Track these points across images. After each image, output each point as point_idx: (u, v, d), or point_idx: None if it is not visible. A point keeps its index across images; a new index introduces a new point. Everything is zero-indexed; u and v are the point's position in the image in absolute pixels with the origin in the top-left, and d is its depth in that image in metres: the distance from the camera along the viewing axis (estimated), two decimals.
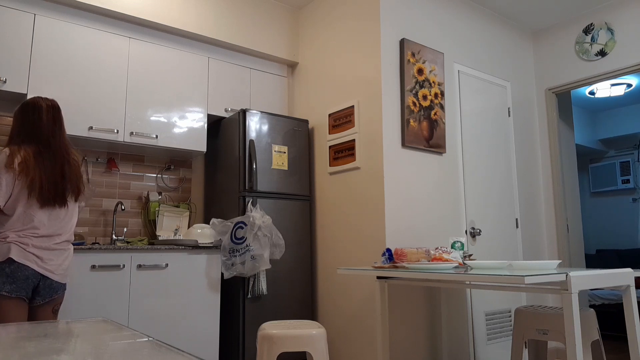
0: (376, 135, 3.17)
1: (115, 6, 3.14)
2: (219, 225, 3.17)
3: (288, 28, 4.01)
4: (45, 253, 2.17)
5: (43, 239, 2.17)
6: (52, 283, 2.20)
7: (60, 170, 2.23)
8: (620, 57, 3.86)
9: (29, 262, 2.11)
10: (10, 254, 2.07)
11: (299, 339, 2.23)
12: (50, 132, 2.24)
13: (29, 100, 2.28)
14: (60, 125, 2.29)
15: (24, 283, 2.09)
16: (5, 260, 2.07)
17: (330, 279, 3.43)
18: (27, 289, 2.12)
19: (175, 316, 2.89)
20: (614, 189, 6.70)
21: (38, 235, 2.15)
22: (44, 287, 2.18)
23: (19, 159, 2.13)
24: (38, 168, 2.16)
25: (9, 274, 2.07)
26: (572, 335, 1.85)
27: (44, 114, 2.25)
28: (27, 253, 2.11)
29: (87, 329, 1.02)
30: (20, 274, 2.09)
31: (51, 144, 2.23)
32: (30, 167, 2.13)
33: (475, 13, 3.95)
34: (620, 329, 5.00)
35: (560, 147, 4.24)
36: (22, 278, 2.09)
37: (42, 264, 2.15)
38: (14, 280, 2.07)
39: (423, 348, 3.12)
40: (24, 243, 2.11)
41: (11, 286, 2.06)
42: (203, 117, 3.48)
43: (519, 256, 3.91)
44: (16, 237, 2.11)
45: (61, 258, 2.24)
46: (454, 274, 2.08)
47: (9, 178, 2.11)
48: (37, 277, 2.14)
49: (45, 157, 2.20)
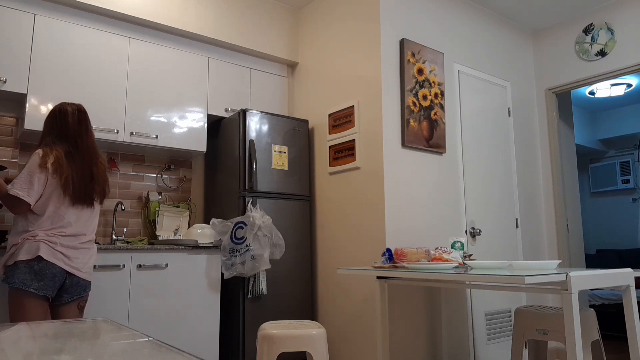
0: (376, 135, 3.17)
1: (115, 6, 3.14)
2: (219, 225, 3.16)
3: (288, 28, 4.01)
4: (71, 252, 2.24)
5: (70, 237, 2.24)
6: (80, 281, 2.28)
7: (89, 171, 2.32)
8: (620, 57, 3.86)
9: (57, 260, 2.17)
10: (40, 252, 2.13)
11: (299, 339, 2.23)
12: (77, 133, 2.33)
13: (55, 106, 2.38)
14: (86, 128, 2.37)
15: (51, 281, 2.16)
16: (34, 258, 2.13)
17: (330, 279, 3.43)
18: (54, 287, 2.18)
19: (175, 316, 2.89)
20: (614, 189, 6.69)
21: (65, 234, 2.23)
22: (71, 285, 2.25)
23: (52, 159, 2.21)
24: (70, 167, 2.25)
25: (37, 271, 2.13)
26: (572, 335, 1.85)
27: (69, 117, 2.34)
28: (55, 252, 2.18)
29: (87, 329, 1.02)
30: (48, 271, 2.15)
31: (79, 145, 2.32)
32: (63, 166, 2.23)
33: (475, 13, 3.95)
34: (620, 329, 5.00)
35: (560, 147, 4.24)
36: (49, 276, 2.15)
37: (69, 262, 2.22)
38: (42, 277, 2.13)
39: (423, 348, 3.12)
40: (52, 242, 2.18)
41: (39, 284, 2.13)
42: (203, 117, 3.48)
43: (519, 256, 3.91)
44: (45, 235, 2.17)
45: (87, 256, 2.31)
46: (454, 274, 2.08)
47: (42, 178, 2.19)
48: (64, 275, 2.21)
49: (75, 157, 2.29)
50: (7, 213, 2.95)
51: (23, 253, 2.12)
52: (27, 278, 2.10)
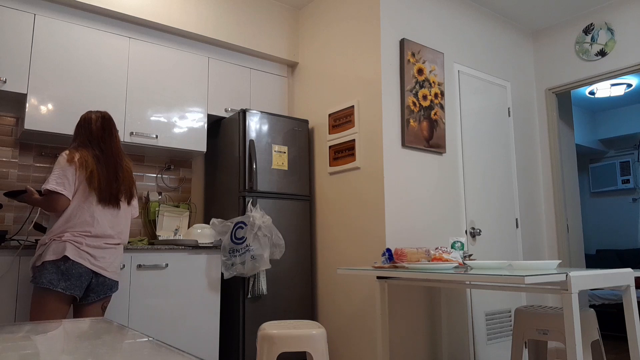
0: (376, 135, 3.17)
1: (115, 6, 3.14)
2: (219, 225, 3.16)
3: (288, 28, 4.01)
4: (97, 251, 2.27)
5: (95, 238, 2.27)
6: (106, 280, 2.31)
7: (114, 173, 2.37)
8: (620, 57, 3.86)
9: (83, 260, 2.21)
10: (66, 252, 2.17)
11: (299, 339, 2.23)
12: (100, 137, 2.40)
13: (82, 116, 2.46)
14: (110, 133, 2.44)
15: (77, 280, 2.19)
16: (60, 258, 2.16)
17: (330, 279, 3.43)
18: (81, 287, 2.22)
19: (175, 316, 2.89)
20: (614, 189, 6.69)
21: (90, 235, 2.26)
22: (98, 285, 2.28)
23: (77, 156, 2.28)
24: (96, 165, 2.31)
25: (64, 271, 2.16)
26: (572, 335, 1.85)
27: (93, 124, 2.41)
28: (81, 251, 2.21)
29: (87, 329, 1.02)
30: (75, 271, 2.18)
31: (103, 149, 2.38)
32: (89, 162, 2.29)
33: (475, 13, 3.95)
34: (620, 329, 5.00)
35: (560, 147, 4.23)
36: (76, 275, 2.18)
37: (95, 262, 2.25)
38: (68, 277, 2.17)
39: (423, 348, 3.12)
40: (78, 242, 2.21)
41: (66, 283, 2.16)
42: (203, 117, 3.48)
43: (519, 256, 3.91)
44: (71, 236, 2.21)
45: (113, 256, 2.34)
46: (454, 274, 2.08)
47: (72, 171, 2.25)
48: (90, 274, 2.24)
49: (101, 159, 2.35)
50: (6, 213, 2.95)
51: (50, 253, 2.17)
52: (54, 278, 2.14)
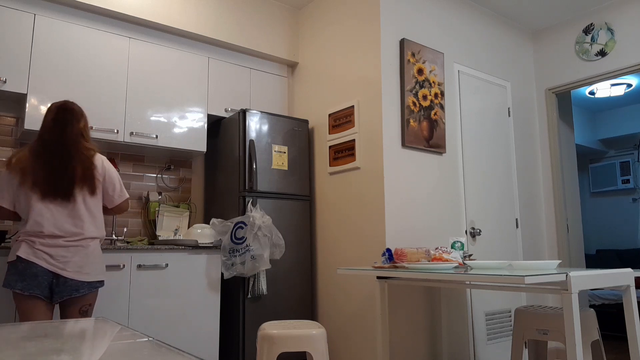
0: (376, 135, 3.17)
1: (115, 6, 3.14)
2: (219, 225, 3.16)
3: (288, 28, 4.01)
4: (56, 250, 2.16)
5: (51, 237, 2.17)
6: (67, 281, 2.17)
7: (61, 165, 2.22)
8: (620, 57, 3.86)
9: (38, 259, 2.13)
10: (18, 252, 2.13)
11: (299, 339, 2.23)
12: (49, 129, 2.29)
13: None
14: (63, 122, 2.29)
15: (34, 281, 2.11)
16: (16, 259, 2.14)
17: (330, 279, 3.43)
18: (41, 287, 2.12)
19: (175, 316, 2.89)
20: (614, 189, 6.69)
21: (44, 234, 2.16)
22: (58, 285, 2.16)
23: (15, 158, 2.22)
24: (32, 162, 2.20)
25: (21, 271, 2.12)
26: (572, 335, 1.85)
27: (48, 115, 2.33)
28: (36, 250, 2.14)
29: (87, 329, 1.02)
30: (29, 271, 2.11)
31: (48, 141, 2.26)
32: (22, 159, 2.20)
33: (475, 13, 3.95)
34: (620, 329, 5.00)
35: (560, 147, 4.23)
36: (30, 275, 2.11)
37: (52, 261, 2.15)
38: (24, 277, 2.11)
39: (423, 348, 3.12)
40: (32, 241, 2.16)
41: (22, 283, 2.11)
42: (203, 117, 3.48)
43: (519, 256, 3.91)
44: (25, 235, 2.16)
45: (78, 255, 2.21)
46: (454, 274, 2.08)
47: (7, 176, 2.20)
48: (47, 274, 2.14)
49: (40, 154, 2.22)
50: None
51: (10, 255, 2.18)
52: (12, 279, 2.12)
